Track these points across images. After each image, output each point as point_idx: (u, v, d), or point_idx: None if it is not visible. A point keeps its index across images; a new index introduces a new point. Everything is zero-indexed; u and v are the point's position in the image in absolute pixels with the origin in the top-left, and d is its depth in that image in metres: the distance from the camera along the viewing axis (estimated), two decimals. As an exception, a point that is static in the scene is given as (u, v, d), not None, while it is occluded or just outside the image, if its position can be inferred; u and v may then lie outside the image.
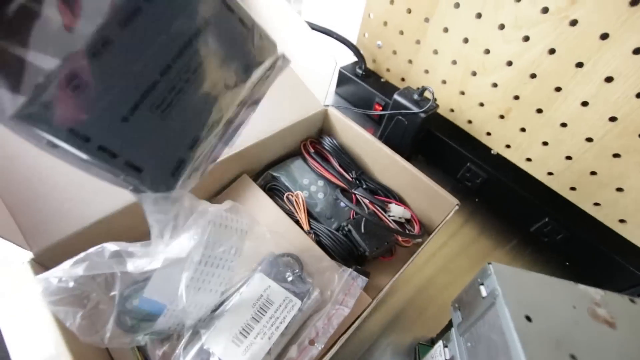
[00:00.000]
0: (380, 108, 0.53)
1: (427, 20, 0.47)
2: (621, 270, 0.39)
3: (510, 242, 0.46)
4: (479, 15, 0.41)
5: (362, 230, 0.36)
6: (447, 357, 0.27)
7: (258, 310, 0.27)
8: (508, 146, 0.47)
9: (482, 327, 0.23)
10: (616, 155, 0.37)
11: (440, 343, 0.28)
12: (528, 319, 0.21)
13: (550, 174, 0.45)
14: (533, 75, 0.40)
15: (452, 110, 0.51)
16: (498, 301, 0.22)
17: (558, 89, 0.39)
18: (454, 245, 0.45)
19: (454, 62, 0.47)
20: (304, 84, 0.47)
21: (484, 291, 0.24)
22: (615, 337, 0.21)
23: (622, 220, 0.40)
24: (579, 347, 0.20)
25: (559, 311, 0.22)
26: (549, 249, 0.45)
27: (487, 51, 0.43)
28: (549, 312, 0.22)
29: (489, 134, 0.49)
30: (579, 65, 0.36)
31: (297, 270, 0.31)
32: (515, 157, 0.47)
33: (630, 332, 0.22)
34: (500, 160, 0.48)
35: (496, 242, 0.46)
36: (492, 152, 0.49)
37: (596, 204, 0.42)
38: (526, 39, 0.39)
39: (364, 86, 0.56)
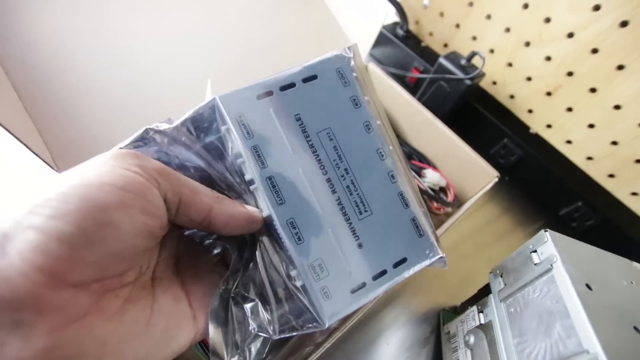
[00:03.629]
0: (419, 74, 0.51)
1: (485, -20, 0.44)
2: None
3: (536, 223, 0.46)
4: (546, -22, 0.38)
5: (398, 191, 0.35)
6: (483, 322, 0.26)
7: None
8: (549, 126, 0.45)
9: (532, 294, 0.22)
10: (670, 144, 0.36)
11: (474, 308, 0.28)
12: (588, 287, 0.20)
13: (589, 158, 0.43)
14: (595, 50, 0.38)
15: (494, 83, 0.49)
16: (556, 267, 0.21)
17: (620, 67, 0.36)
18: (479, 219, 0.44)
19: (507, 30, 0.44)
20: (346, 37, 0.45)
21: (536, 258, 0.23)
22: (674, 316, 0.20)
23: (658, 213, 0.39)
24: (641, 320, 0.19)
25: (617, 284, 0.21)
26: (576, 234, 0.44)
27: (548, 20, 0.40)
28: (608, 284, 0.21)
29: (530, 111, 0.46)
30: (653, 41, 0.33)
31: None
32: (555, 138, 0.45)
33: (688, 313, 0.21)
34: (538, 140, 0.46)
35: (522, 221, 0.46)
36: (531, 131, 0.47)
37: (634, 194, 0.40)
38: (597, 8, 0.36)
39: (402, 49, 0.53)
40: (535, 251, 0.24)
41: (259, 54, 0.39)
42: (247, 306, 0.17)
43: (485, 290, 0.28)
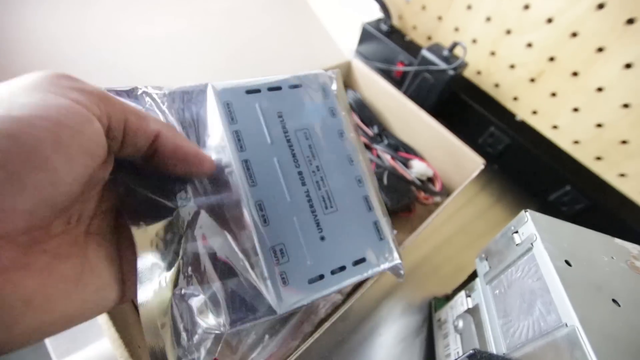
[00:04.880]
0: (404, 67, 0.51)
1: (463, -29, 0.44)
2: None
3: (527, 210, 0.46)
4: (523, -35, 0.39)
5: (385, 183, 0.35)
6: (470, 306, 0.26)
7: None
8: (535, 112, 0.46)
9: (514, 274, 0.23)
10: (653, 123, 0.36)
11: (462, 293, 0.28)
12: (567, 263, 0.20)
13: (576, 142, 0.43)
14: (574, 34, 0.38)
15: (479, 73, 0.49)
16: (536, 246, 0.21)
17: (600, 50, 0.37)
18: (471, 209, 0.44)
19: (488, 19, 0.44)
20: (329, 35, 0.45)
21: (518, 238, 0.23)
22: (654, 288, 0.21)
23: (647, 193, 0.39)
24: (620, 293, 0.19)
25: (597, 260, 0.21)
26: (567, 218, 0.44)
27: (527, 7, 0.40)
28: (587, 260, 0.21)
29: (515, 98, 0.47)
30: (630, 21, 0.33)
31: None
32: (541, 124, 0.46)
33: (669, 285, 0.21)
34: (525, 126, 0.46)
35: (513, 209, 0.46)
36: (517, 118, 0.47)
37: (622, 175, 0.41)
38: (573, -8, 0.36)
39: (387, 44, 0.53)
40: (517, 232, 0.24)
41: (245, 56, 0.39)
42: (193, 303, 0.15)
43: (474, 276, 0.28)
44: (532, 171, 0.46)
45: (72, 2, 0.31)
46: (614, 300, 0.19)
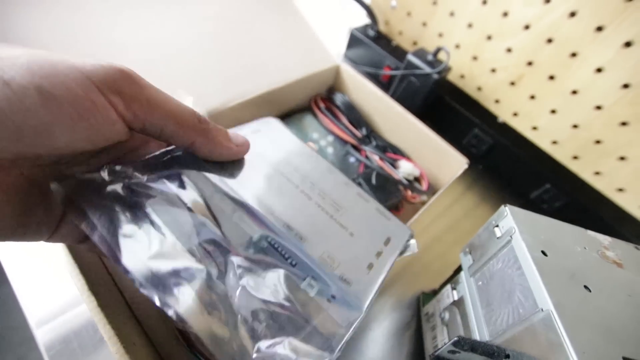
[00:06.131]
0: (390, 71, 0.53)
1: (446, -21, 0.46)
2: (618, 238, 0.41)
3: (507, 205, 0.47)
4: (501, -25, 0.41)
5: (374, 183, 0.36)
6: (456, 298, 0.27)
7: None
8: (515, 114, 0.48)
9: (496, 265, 0.24)
10: (624, 124, 0.38)
11: (447, 287, 0.29)
12: (544, 253, 0.21)
13: (554, 142, 0.45)
14: (550, 40, 0.40)
15: (462, 77, 0.51)
16: (515, 238, 0.23)
17: (573, 55, 0.39)
18: (458, 209, 0.46)
19: (470, 25, 0.46)
20: (318, 40, 0.46)
21: (498, 232, 0.25)
22: (623, 275, 0.22)
23: (620, 190, 0.41)
24: (592, 280, 0.21)
25: (571, 250, 0.23)
26: (547, 214, 0.46)
27: (506, 14, 0.42)
28: (562, 250, 0.22)
29: (497, 101, 0.49)
30: (599, 29, 0.35)
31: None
32: (521, 125, 0.48)
33: (637, 273, 0.23)
34: (507, 128, 0.48)
35: (498, 206, 0.47)
36: (499, 120, 0.49)
37: (597, 173, 0.43)
38: (547, 0, 0.38)
39: (374, 49, 0.55)
40: (497, 226, 0.25)
41: (235, 61, 0.40)
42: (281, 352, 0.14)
43: (459, 270, 0.29)
44: (515, 170, 0.48)
45: (64, 7, 0.32)
46: (585, 287, 0.20)
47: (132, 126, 0.14)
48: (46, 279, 0.30)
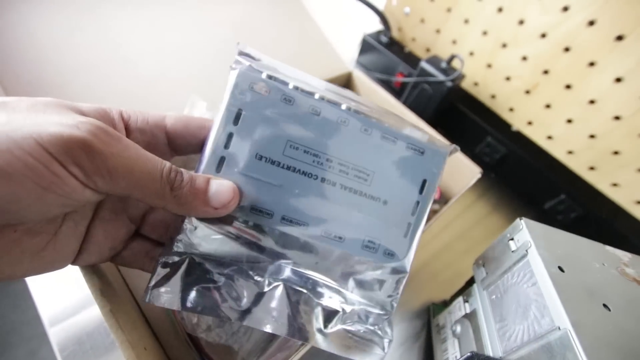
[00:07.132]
0: (403, 78, 0.52)
1: (461, -14, 0.46)
2: (636, 252, 0.40)
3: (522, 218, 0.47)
4: (517, -17, 0.40)
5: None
6: (468, 311, 0.27)
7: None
8: (530, 123, 0.47)
9: (510, 280, 0.23)
10: (643, 135, 0.37)
11: (460, 299, 0.29)
12: (561, 269, 0.21)
13: (570, 152, 0.44)
14: (567, 49, 0.39)
15: (476, 84, 0.50)
16: (530, 252, 0.22)
17: (592, 64, 0.38)
18: (470, 217, 0.45)
19: (485, 33, 0.46)
20: (331, 46, 0.46)
21: (513, 245, 0.24)
22: (644, 294, 0.21)
23: (639, 202, 0.40)
24: (611, 299, 0.20)
25: (589, 266, 0.22)
26: (562, 227, 0.45)
27: (521, 22, 0.42)
28: (579, 266, 0.22)
29: (511, 109, 0.48)
30: (619, 38, 0.35)
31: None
32: (536, 134, 0.47)
33: (658, 291, 0.22)
34: (521, 137, 0.48)
35: (510, 216, 0.47)
36: (513, 128, 0.48)
37: (614, 185, 0.42)
38: (565, 9, 0.38)
39: (387, 55, 0.54)
40: (512, 239, 0.25)
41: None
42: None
43: (471, 282, 0.29)
44: (528, 180, 0.47)
45: (71, 12, 0.32)
46: (604, 305, 0.20)
47: (98, 192, 0.13)
48: (60, 277, 0.31)
